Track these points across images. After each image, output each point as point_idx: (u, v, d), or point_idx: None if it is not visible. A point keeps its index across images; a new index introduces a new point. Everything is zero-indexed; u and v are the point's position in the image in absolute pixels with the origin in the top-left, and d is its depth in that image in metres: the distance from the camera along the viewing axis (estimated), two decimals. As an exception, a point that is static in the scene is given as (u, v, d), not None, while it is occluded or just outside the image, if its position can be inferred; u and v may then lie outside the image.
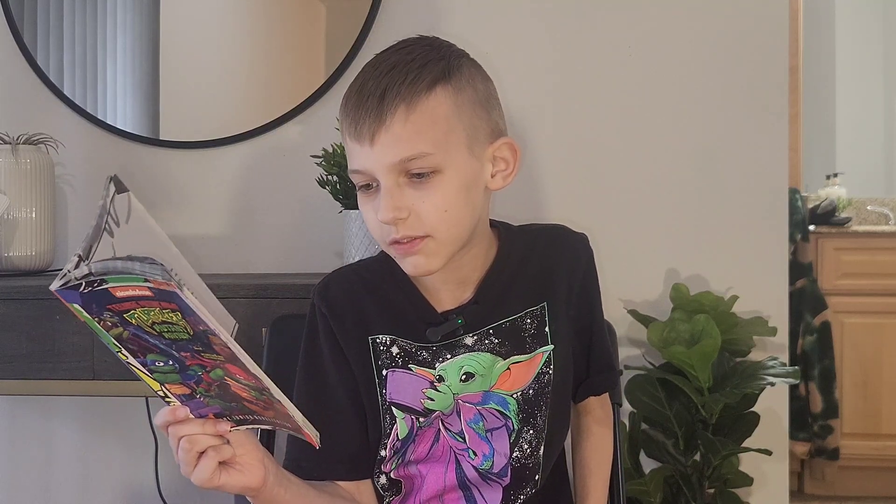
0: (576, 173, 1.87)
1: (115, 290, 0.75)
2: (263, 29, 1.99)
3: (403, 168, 0.94)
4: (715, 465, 1.66)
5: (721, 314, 1.70)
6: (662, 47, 1.86)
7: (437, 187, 0.95)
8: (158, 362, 0.82)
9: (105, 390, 1.55)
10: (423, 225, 0.96)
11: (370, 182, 0.97)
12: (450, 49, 1.01)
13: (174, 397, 0.86)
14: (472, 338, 1.06)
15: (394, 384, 1.05)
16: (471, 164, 0.98)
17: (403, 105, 0.93)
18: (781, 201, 1.85)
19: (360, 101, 0.95)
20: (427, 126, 0.94)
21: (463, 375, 1.05)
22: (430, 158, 0.94)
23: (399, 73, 0.95)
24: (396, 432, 1.05)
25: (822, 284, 3.10)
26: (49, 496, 2.04)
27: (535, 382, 1.07)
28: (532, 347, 1.08)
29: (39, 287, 1.55)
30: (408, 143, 0.93)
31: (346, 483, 1.07)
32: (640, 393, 1.70)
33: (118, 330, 0.80)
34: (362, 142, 0.94)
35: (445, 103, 0.95)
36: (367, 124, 0.94)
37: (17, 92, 2.00)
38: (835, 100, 3.92)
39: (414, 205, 0.95)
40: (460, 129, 0.97)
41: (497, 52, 1.82)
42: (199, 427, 0.85)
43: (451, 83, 0.96)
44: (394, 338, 1.06)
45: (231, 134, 1.94)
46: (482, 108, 0.99)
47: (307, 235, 1.91)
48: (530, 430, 1.07)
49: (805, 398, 3.04)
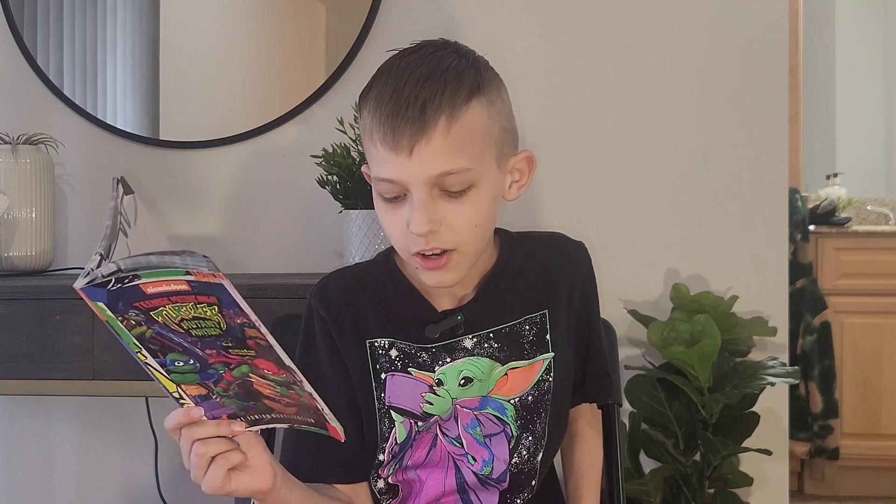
0: (576, 173, 1.87)
1: (146, 286, 0.75)
2: (263, 29, 1.99)
3: (439, 182, 0.92)
4: (715, 465, 1.66)
5: (721, 314, 1.70)
6: (662, 47, 1.86)
7: (472, 202, 0.94)
8: (179, 362, 0.82)
9: (105, 390, 1.55)
10: (454, 238, 0.95)
11: (399, 193, 0.94)
12: (475, 57, 0.99)
13: (189, 398, 0.85)
14: (472, 340, 1.05)
15: (393, 388, 1.05)
16: (499, 176, 0.98)
17: (444, 118, 0.91)
18: (781, 201, 1.85)
19: (397, 109, 0.91)
20: (466, 140, 0.92)
21: (462, 380, 1.04)
22: (467, 174, 0.93)
23: (438, 83, 0.92)
24: (395, 436, 1.05)
25: (822, 284, 3.10)
26: (49, 496, 2.04)
27: (534, 389, 1.07)
28: (531, 354, 1.07)
29: (39, 287, 1.55)
30: (449, 158, 0.91)
31: (343, 486, 1.06)
32: (640, 393, 1.70)
33: (141, 329, 0.79)
34: (399, 152, 0.91)
35: (482, 116, 0.94)
36: (406, 135, 0.90)
37: (17, 92, 2.00)
38: (835, 100, 3.92)
39: (447, 218, 0.94)
40: (492, 143, 0.96)
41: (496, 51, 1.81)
42: (213, 428, 0.85)
43: (484, 95, 0.95)
44: (393, 340, 1.05)
45: (231, 134, 1.94)
46: (508, 119, 0.99)
47: (307, 235, 1.91)
48: (529, 436, 1.07)
49: (805, 398, 3.04)
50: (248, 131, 1.93)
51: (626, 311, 1.80)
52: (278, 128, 1.93)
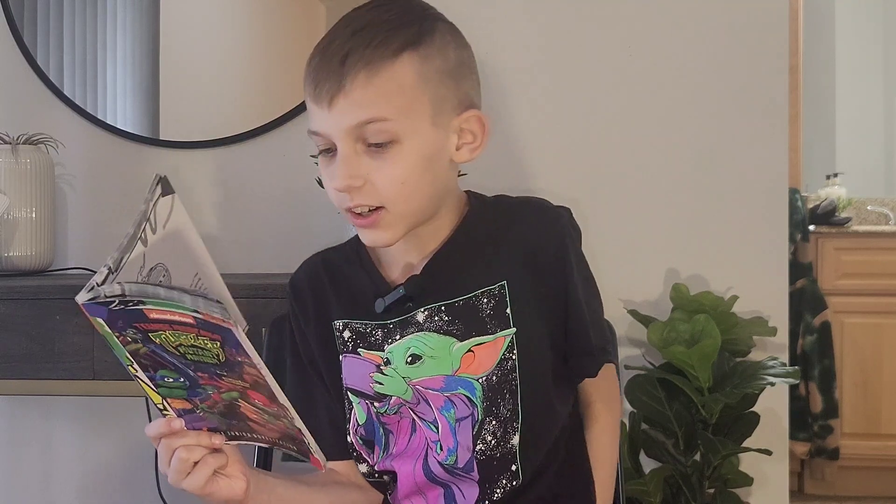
0: (576, 173, 1.87)
1: (149, 311, 0.75)
2: (263, 29, 1.99)
3: (360, 134, 0.92)
4: (715, 465, 1.66)
5: (721, 314, 1.70)
6: (662, 47, 1.86)
7: (396, 158, 0.93)
8: (168, 378, 0.82)
9: (105, 390, 1.55)
10: (379, 195, 0.94)
11: (329, 146, 0.95)
12: (426, 12, 0.98)
13: (172, 410, 0.86)
14: (423, 314, 1.01)
15: (347, 369, 1.05)
16: (434, 135, 0.95)
17: (365, 70, 0.91)
18: (781, 201, 1.85)
19: (322, 61, 0.93)
20: (388, 93, 0.91)
21: (409, 357, 1.01)
22: (387, 125, 0.91)
23: (367, 35, 0.92)
24: (355, 417, 1.05)
25: (822, 284, 3.10)
26: (49, 496, 2.04)
27: (497, 368, 1.00)
28: (493, 329, 1.00)
29: (39, 287, 1.55)
30: (366, 108, 0.91)
31: (340, 464, 1.08)
32: (640, 393, 1.70)
33: (136, 346, 0.79)
34: (321, 104, 0.93)
35: (410, 71, 0.93)
36: (326, 87, 0.92)
37: (17, 92, 2.00)
38: (835, 100, 3.92)
39: (370, 174, 0.93)
40: (424, 99, 0.94)
41: (496, 51, 1.82)
42: (194, 439, 0.87)
43: (419, 50, 0.93)
44: (347, 321, 1.05)
45: (231, 134, 1.94)
46: (451, 77, 0.96)
47: (307, 235, 1.91)
48: (493, 420, 1.00)
49: (805, 398, 3.04)
50: (248, 131, 1.93)
51: (626, 311, 1.80)
52: (278, 128, 1.93)
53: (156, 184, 0.88)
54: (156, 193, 0.87)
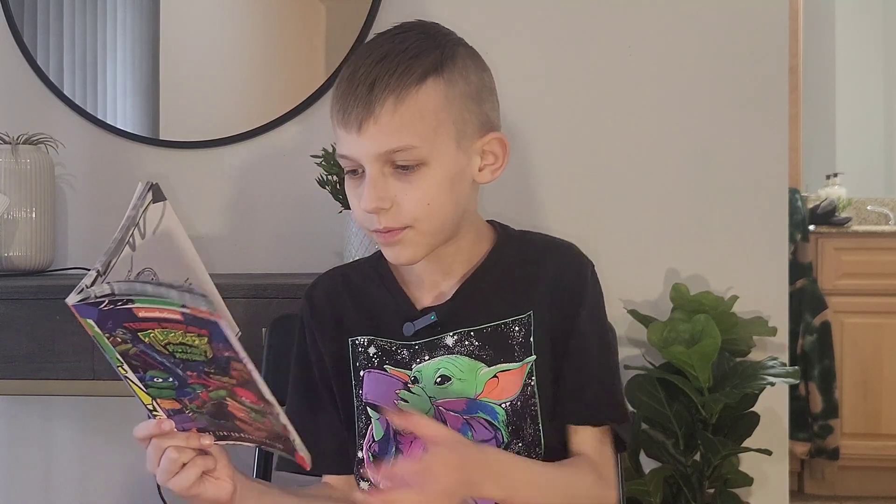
0: (576, 173, 1.87)
1: (138, 310, 0.76)
2: (263, 29, 1.99)
3: (389, 159, 0.95)
4: (715, 465, 1.66)
5: (721, 314, 1.70)
6: (662, 47, 1.86)
7: (422, 180, 0.96)
8: (157, 378, 0.83)
9: (105, 390, 1.55)
10: (405, 216, 0.96)
11: (356, 167, 0.98)
12: (446, 38, 1.01)
13: (162, 411, 0.87)
14: (453, 338, 1.04)
15: (369, 384, 1.06)
16: (458, 157, 0.98)
17: (392, 97, 0.94)
18: (781, 201, 1.85)
19: (349, 88, 0.96)
20: (415, 119, 0.95)
21: (438, 378, 1.03)
22: (415, 151, 0.95)
23: (391, 63, 0.95)
24: (372, 433, 1.05)
25: (822, 284, 3.10)
26: (49, 496, 2.04)
27: (521, 394, 1.03)
28: (520, 356, 1.04)
29: (39, 287, 1.55)
30: (394, 136, 0.94)
31: (337, 478, 1.08)
32: (640, 393, 1.70)
33: (126, 346, 0.80)
34: (349, 129, 0.96)
35: (436, 97, 0.96)
36: (354, 113, 0.95)
37: (17, 92, 2.00)
38: (835, 100, 3.92)
39: (397, 196, 0.96)
40: (449, 123, 0.97)
41: (495, 51, 1.81)
42: (183, 440, 0.89)
43: (443, 76, 0.97)
44: (372, 338, 1.06)
45: (231, 134, 1.94)
46: (473, 101, 0.99)
47: (307, 235, 1.91)
48: (519, 442, 1.03)
49: (805, 398, 3.04)
50: (248, 131, 1.93)
51: (626, 311, 1.80)
52: (278, 128, 1.93)
53: (146, 190, 0.90)
54: (146, 199, 0.88)
